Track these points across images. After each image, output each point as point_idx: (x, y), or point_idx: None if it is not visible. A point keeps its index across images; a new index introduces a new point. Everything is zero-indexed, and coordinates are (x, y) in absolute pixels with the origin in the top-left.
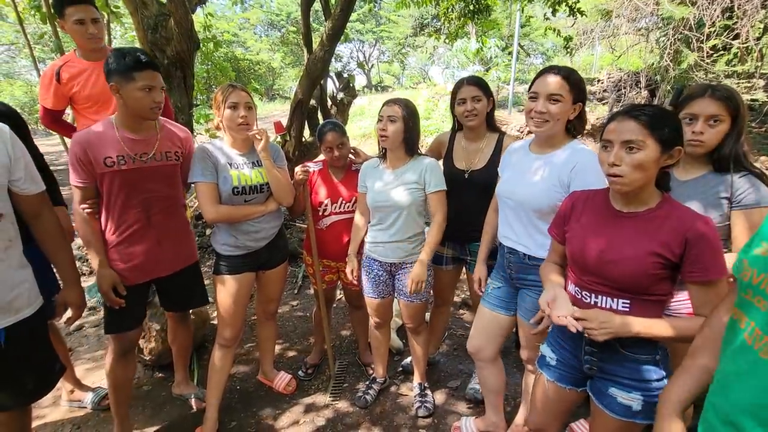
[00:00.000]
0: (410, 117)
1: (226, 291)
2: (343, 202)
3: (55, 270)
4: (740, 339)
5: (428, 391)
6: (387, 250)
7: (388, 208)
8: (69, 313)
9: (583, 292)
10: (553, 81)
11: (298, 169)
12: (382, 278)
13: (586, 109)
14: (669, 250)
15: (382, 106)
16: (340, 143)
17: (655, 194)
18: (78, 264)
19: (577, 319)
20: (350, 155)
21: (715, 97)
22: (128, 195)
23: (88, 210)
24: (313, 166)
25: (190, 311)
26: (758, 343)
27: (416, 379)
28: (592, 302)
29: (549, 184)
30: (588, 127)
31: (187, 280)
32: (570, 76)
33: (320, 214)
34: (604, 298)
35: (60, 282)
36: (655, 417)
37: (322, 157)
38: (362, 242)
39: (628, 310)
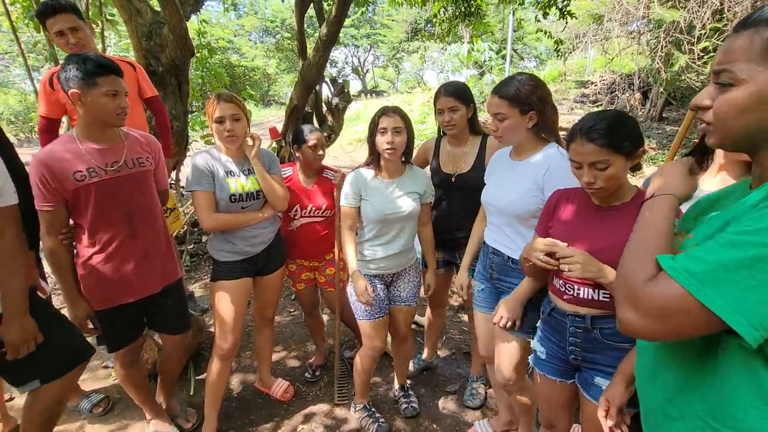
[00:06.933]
0: (409, 126)
1: (224, 297)
2: (313, 209)
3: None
4: None
5: (411, 392)
6: (391, 263)
7: (396, 219)
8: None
9: (567, 285)
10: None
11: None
12: (380, 296)
13: (581, 111)
14: None
15: (381, 117)
16: (325, 143)
17: (630, 189)
18: None
19: (560, 259)
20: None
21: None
22: (108, 208)
23: (65, 240)
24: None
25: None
26: None
27: (399, 381)
28: (576, 294)
29: (525, 188)
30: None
31: (177, 298)
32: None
33: (290, 216)
34: (587, 289)
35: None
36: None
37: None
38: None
39: (608, 300)
